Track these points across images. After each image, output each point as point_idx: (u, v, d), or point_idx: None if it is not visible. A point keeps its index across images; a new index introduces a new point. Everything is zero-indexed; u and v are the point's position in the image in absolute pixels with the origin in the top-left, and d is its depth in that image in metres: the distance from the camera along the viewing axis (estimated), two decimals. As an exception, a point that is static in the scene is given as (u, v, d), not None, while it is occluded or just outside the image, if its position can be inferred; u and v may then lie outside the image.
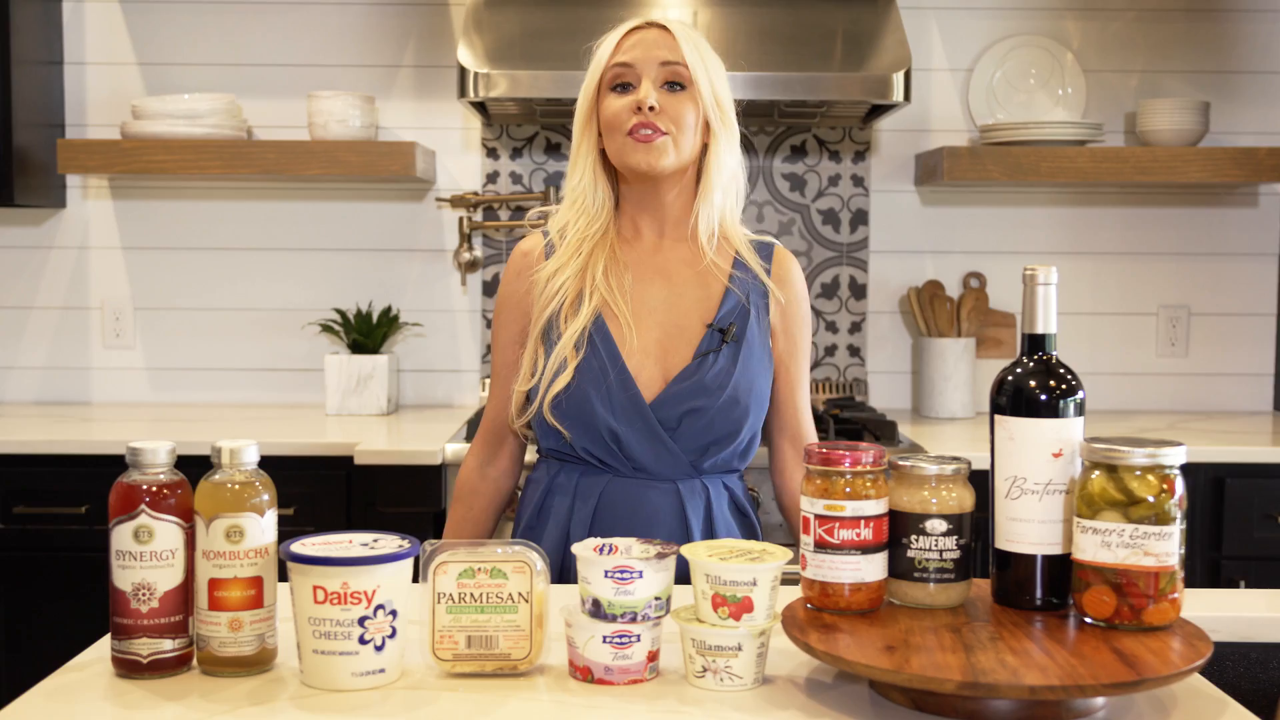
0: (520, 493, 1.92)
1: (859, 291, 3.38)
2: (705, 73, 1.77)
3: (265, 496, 1.29)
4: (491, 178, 3.34)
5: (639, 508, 1.76)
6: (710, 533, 1.79)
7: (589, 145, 1.81)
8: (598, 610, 1.27)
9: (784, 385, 1.87)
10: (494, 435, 1.89)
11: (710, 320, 1.79)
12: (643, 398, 1.75)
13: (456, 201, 3.27)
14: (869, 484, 1.30)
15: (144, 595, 1.27)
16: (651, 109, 1.73)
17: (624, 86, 1.77)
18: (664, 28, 1.78)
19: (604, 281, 1.78)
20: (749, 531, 1.87)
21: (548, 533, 1.79)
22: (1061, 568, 1.31)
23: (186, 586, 1.29)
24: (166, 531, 1.27)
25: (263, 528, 1.28)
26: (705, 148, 1.80)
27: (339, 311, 3.24)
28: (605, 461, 1.77)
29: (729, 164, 1.81)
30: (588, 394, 1.74)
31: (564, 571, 1.76)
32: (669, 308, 1.80)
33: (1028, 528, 1.31)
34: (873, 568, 1.30)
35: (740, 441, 1.80)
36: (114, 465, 1.43)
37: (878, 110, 3.07)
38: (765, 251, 1.87)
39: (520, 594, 1.28)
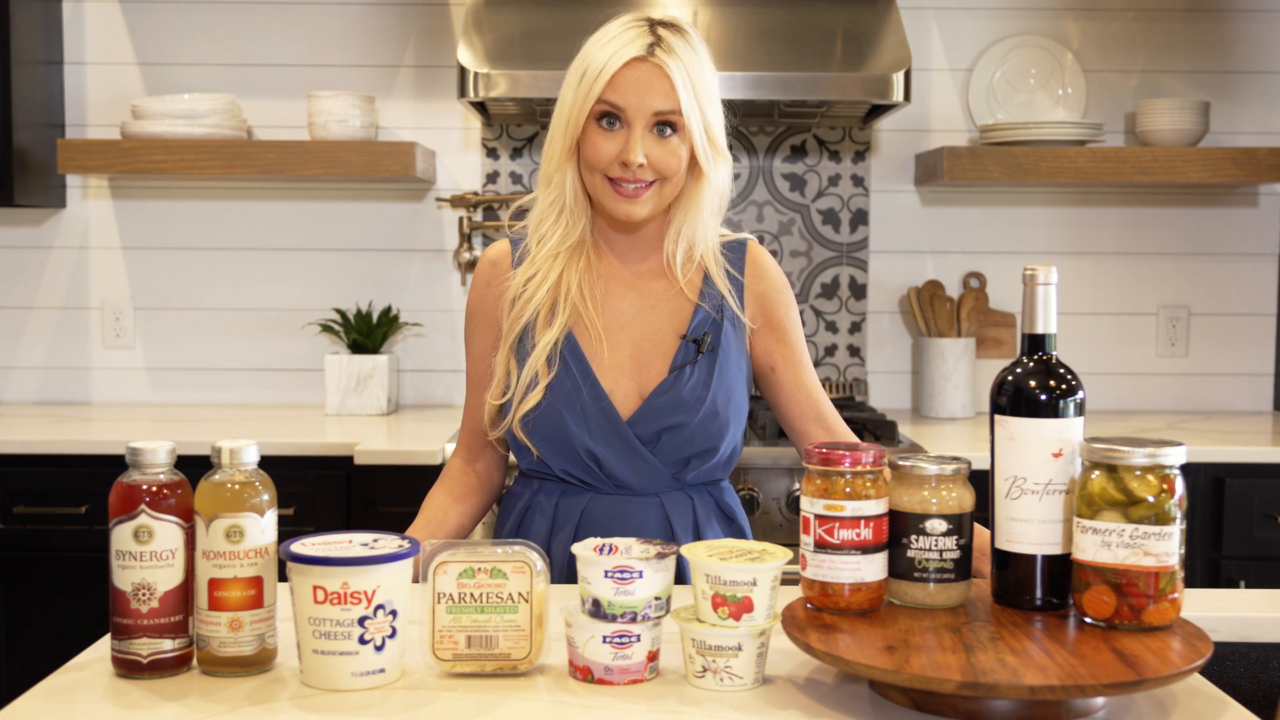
0: (497, 506, 1.89)
1: (859, 291, 3.38)
2: (699, 113, 1.68)
3: (265, 496, 1.29)
4: (491, 178, 3.34)
5: (623, 524, 1.72)
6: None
7: (568, 157, 1.73)
8: (598, 610, 1.27)
9: (789, 373, 1.81)
10: (474, 442, 1.86)
11: (683, 332, 1.75)
12: (619, 415, 1.71)
13: (456, 201, 3.27)
14: (869, 484, 1.30)
15: (144, 595, 1.27)
16: (640, 165, 1.66)
17: (611, 120, 1.69)
18: (660, 65, 1.66)
19: (578, 293, 1.73)
20: (738, 536, 1.84)
21: None
22: (1061, 568, 1.31)
23: (186, 586, 1.29)
24: (166, 531, 1.27)
25: (263, 528, 1.28)
26: (690, 174, 1.74)
27: (339, 311, 3.24)
28: (585, 480, 1.74)
29: (715, 189, 1.74)
30: (561, 414, 1.70)
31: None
32: (641, 321, 1.76)
33: (1028, 528, 1.31)
34: (873, 568, 1.30)
35: (721, 454, 1.77)
36: (114, 465, 1.44)
37: (878, 110, 3.08)
38: (738, 250, 1.82)
39: (520, 594, 1.28)
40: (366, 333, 3.21)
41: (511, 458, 1.87)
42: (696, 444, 1.73)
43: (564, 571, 1.73)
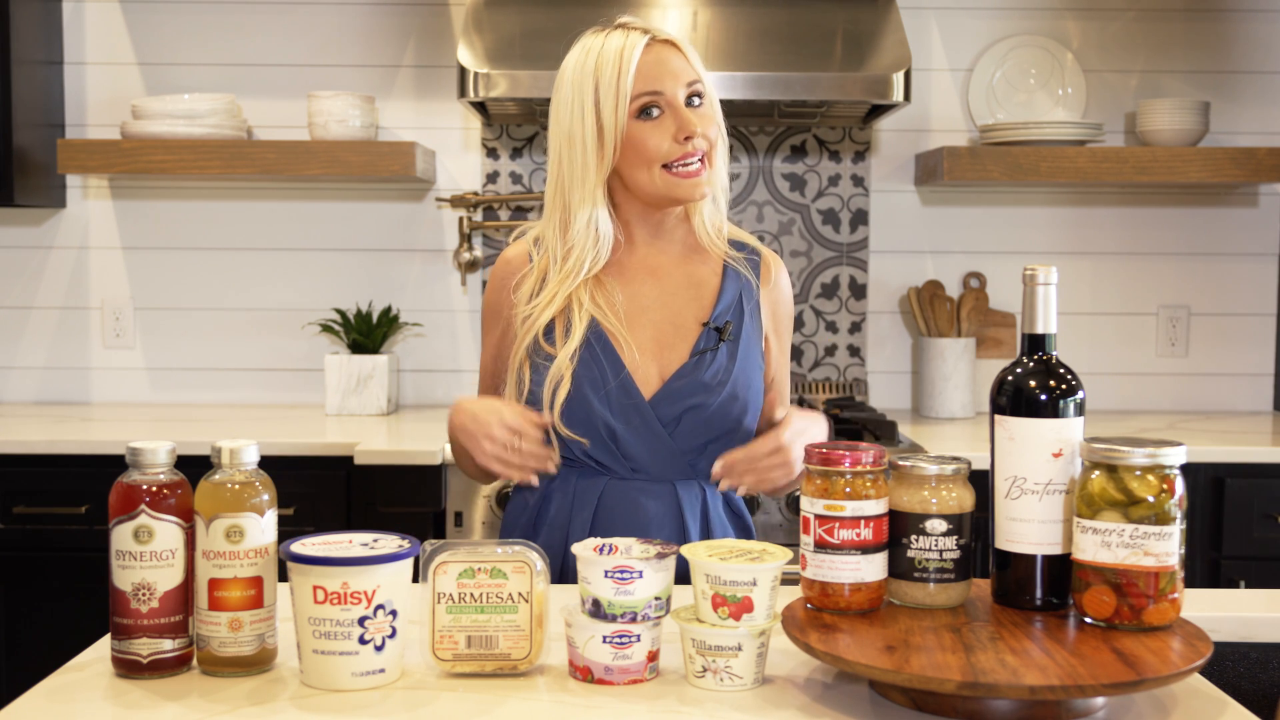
0: (494, 500, 1.91)
1: (859, 291, 3.38)
2: (711, 84, 1.78)
3: (265, 496, 1.29)
4: (491, 178, 3.34)
5: (636, 511, 1.74)
6: (707, 536, 1.78)
7: (599, 177, 1.73)
8: (598, 610, 1.27)
9: (773, 388, 1.89)
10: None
11: (705, 318, 1.79)
12: (641, 395, 1.74)
13: (456, 201, 3.27)
14: (869, 484, 1.30)
15: (144, 595, 1.27)
16: (699, 135, 1.71)
17: (650, 111, 1.71)
18: (670, 42, 1.74)
19: (591, 304, 1.76)
20: (744, 534, 1.86)
21: (544, 538, 1.78)
22: (1061, 568, 1.31)
23: (186, 586, 1.29)
24: (166, 531, 1.27)
25: (263, 528, 1.28)
26: None
27: (339, 311, 3.24)
28: (602, 462, 1.76)
29: (723, 155, 1.81)
30: (585, 393, 1.73)
31: (563, 575, 1.76)
32: (662, 306, 1.80)
33: (1028, 528, 1.31)
34: (873, 568, 1.30)
35: (738, 439, 1.79)
36: (114, 465, 1.44)
37: (878, 110, 3.08)
38: (754, 251, 1.87)
39: (520, 594, 1.28)
40: (366, 333, 3.21)
41: None
42: (715, 427, 1.76)
43: (557, 575, 1.74)
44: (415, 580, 1.31)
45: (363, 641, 1.23)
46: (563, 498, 1.78)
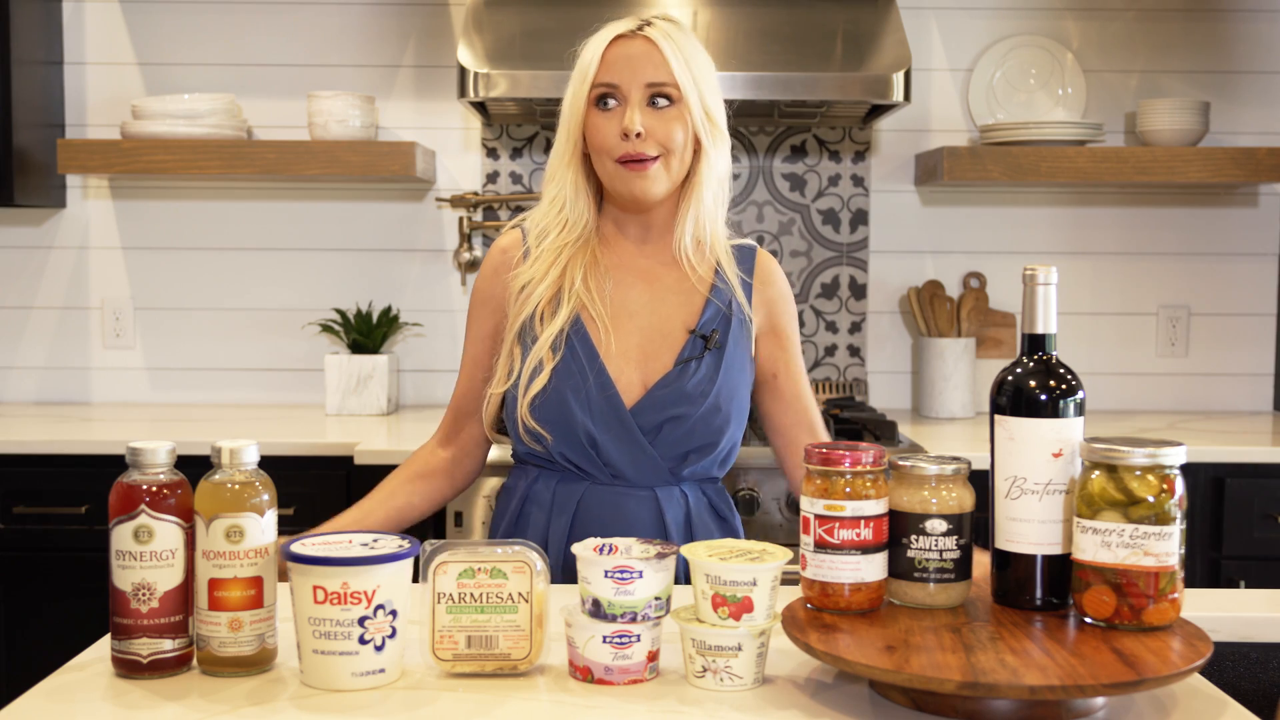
0: (494, 501, 1.90)
1: (859, 291, 3.38)
2: (694, 86, 1.70)
3: (265, 496, 1.29)
4: (491, 178, 3.34)
5: (617, 516, 1.73)
6: (690, 540, 1.76)
7: (572, 154, 1.75)
8: (598, 610, 1.27)
9: (790, 382, 1.84)
10: (455, 420, 1.87)
11: (693, 326, 1.76)
12: (622, 402, 1.72)
13: (456, 201, 3.27)
14: (869, 484, 1.30)
15: (144, 595, 1.27)
16: (639, 135, 1.67)
17: (608, 100, 1.70)
18: (649, 39, 1.69)
19: (583, 286, 1.74)
20: (730, 537, 1.84)
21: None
22: (1061, 568, 1.31)
23: (186, 586, 1.29)
24: (166, 531, 1.27)
25: (263, 528, 1.28)
26: (694, 155, 1.75)
27: (339, 311, 3.24)
28: (582, 468, 1.75)
29: (718, 172, 1.76)
30: (565, 397, 1.71)
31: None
32: (650, 312, 1.78)
33: (1028, 528, 1.31)
34: (873, 568, 1.30)
35: (720, 450, 1.78)
36: (114, 465, 1.44)
37: (878, 110, 3.08)
38: (747, 254, 1.84)
39: (520, 594, 1.28)
40: (366, 333, 3.21)
41: (500, 453, 1.86)
42: (697, 438, 1.74)
43: (558, 568, 1.74)
44: (415, 580, 1.31)
45: (363, 641, 1.23)
46: (542, 502, 1.77)
